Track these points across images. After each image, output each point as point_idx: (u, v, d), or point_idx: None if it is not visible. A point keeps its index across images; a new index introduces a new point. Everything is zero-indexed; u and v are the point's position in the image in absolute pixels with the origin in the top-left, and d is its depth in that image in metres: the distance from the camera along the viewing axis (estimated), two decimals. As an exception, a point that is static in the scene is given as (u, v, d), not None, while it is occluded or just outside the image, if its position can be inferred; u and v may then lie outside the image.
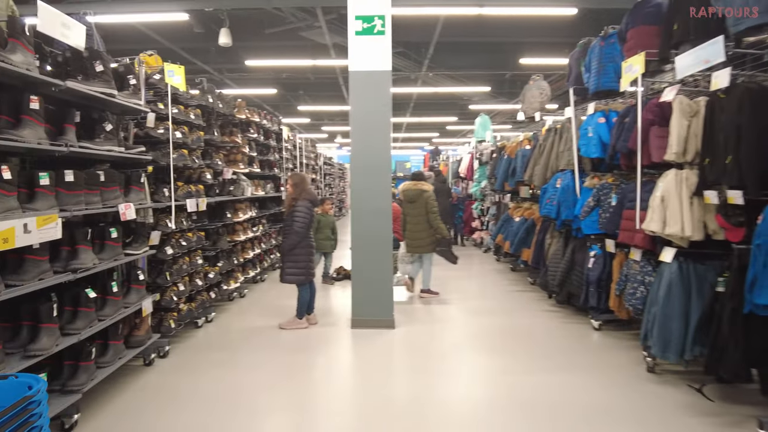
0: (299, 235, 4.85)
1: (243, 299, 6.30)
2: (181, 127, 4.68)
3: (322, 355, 4.32)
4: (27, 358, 2.56)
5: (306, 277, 4.96)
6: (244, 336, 4.82)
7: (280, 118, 8.77)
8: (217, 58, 11.09)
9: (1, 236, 2.31)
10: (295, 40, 9.53)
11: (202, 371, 3.90)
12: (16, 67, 2.44)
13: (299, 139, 10.16)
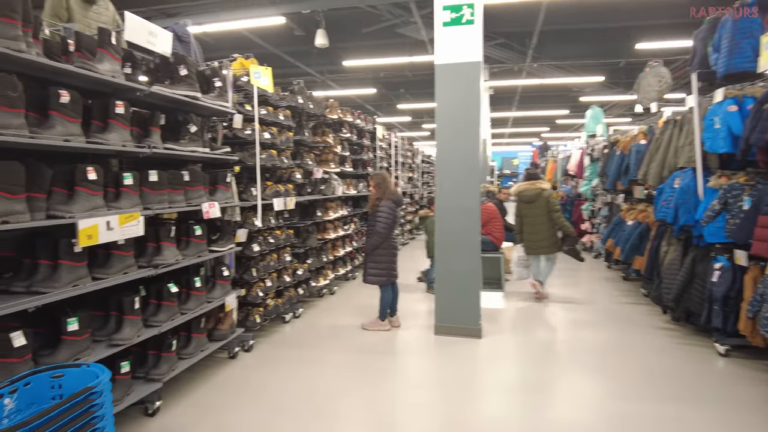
0: (381, 236, 4.75)
1: (333, 296, 6.38)
2: (270, 128, 4.82)
3: (402, 360, 4.16)
4: (111, 346, 2.74)
5: (388, 279, 4.85)
6: (328, 334, 4.83)
7: (375, 117, 8.77)
8: (318, 59, 11.48)
9: (85, 232, 2.49)
10: (392, 37, 9.52)
11: (284, 367, 3.96)
12: (102, 75, 2.61)
13: (395, 137, 10.12)
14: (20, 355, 2.21)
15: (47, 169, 2.37)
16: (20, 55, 2.11)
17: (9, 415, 1.94)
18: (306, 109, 5.68)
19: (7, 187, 2.14)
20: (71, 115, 2.47)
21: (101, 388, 1.96)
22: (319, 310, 5.74)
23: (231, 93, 4.18)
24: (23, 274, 2.48)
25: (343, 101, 15.73)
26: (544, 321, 5.28)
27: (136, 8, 7.77)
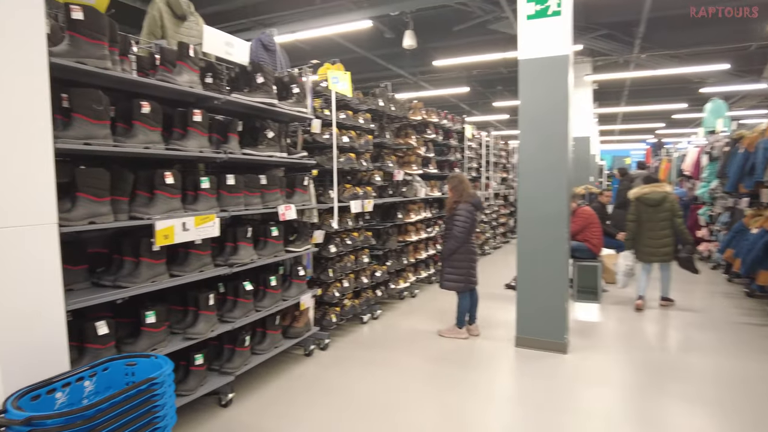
0: (458, 240, 4.61)
1: (413, 299, 6.34)
2: (349, 132, 4.90)
3: (476, 372, 3.98)
4: (185, 339, 2.94)
5: (466, 285, 4.69)
6: (405, 337, 4.80)
7: (464, 116, 8.56)
8: (410, 61, 11.50)
9: (162, 233, 2.70)
10: (483, 34, 9.24)
11: (356, 368, 4.00)
12: (180, 86, 2.82)
13: (486, 136, 9.80)
14: (103, 342, 2.45)
15: (129, 174, 2.61)
16: (105, 72, 2.33)
17: (88, 396, 2.15)
18: (387, 112, 5.70)
19: (94, 191, 2.38)
20: (152, 124, 2.69)
21: (163, 379, 2.10)
22: (398, 312, 5.73)
23: (310, 98, 4.31)
24: (112, 269, 2.75)
25: (435, 101, 15.72)
26: (645, 339, 4.76)
27: (236, 21, 8.37)
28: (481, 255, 9.48)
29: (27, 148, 1.98)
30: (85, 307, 2.41)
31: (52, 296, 2.09)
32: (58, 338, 2.12)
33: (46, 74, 2.03)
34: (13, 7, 1.92)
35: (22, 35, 1.94)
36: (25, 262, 1.98)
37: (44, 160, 2.04)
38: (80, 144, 2.27)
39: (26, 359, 2.00)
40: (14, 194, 1.94)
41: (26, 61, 1.96)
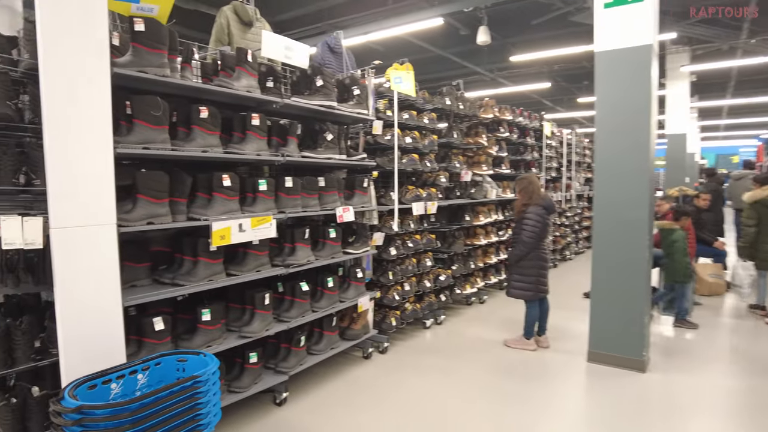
0: (527, 246, 4.36)
1: (481, 305, 6.13)
2: (412, 132, 4.82)
3: (543, 387, 3.74)
4: (240, 337, 3.03)
5: (534, 293, 4.43)
6: (468, 345, 4.63)
7: (543, 113, 8.13)
8: (488, 57, 11.18)
9: (218, 233, 2.79)
10: (565, 27, 8.75)
11: (414, 374, 3.91)
12: (237, 91, 2.91)
13: (568, 134, 9.26)
14: (159, 338, 2.58)
15: (188, 176, 2.72)
16: (164, 79, 2.45)
17: (140, 388, 2.27)
18: (455, 111, 5.54)
19: (153, 193, 2.51)
20: (210, 128, 2.80)
21: (207, 378, 2.16)
22: (464, 318, 5.55)
23: (372, 100, 4.29)
24: (174, 267, 2.90)
25: (516, 98, 15.15)
26: (747, 361, 4.21)
27: (311, 25, 8.57)
28: (560, 260, 8.98)
29: (91, 154, 2.12)
30: (147, 302, 2.56)
31: (111, 292, 2.23)
32: (115, 332, 2.25)
33: (108, 85, 2.16)
34: (80, 25, 2.06)
35: (86, 50, 2.08)
36: (87, 259, 2.13)
37: (105, 165, 2.18)
38: (139, 148, 2.41)
39: (86, 350, 2.15)
40: (78, 196, 2.09)
41: (90, 73, 2.10)
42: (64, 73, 2.01)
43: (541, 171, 8.01)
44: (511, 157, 7.24)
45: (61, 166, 2.03)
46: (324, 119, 3.76)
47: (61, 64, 2.00)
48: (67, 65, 2.02)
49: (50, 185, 2.00)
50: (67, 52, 2.02)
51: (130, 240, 2.79)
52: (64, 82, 2.01)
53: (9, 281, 1.97)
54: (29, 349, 2.16)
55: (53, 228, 2.02)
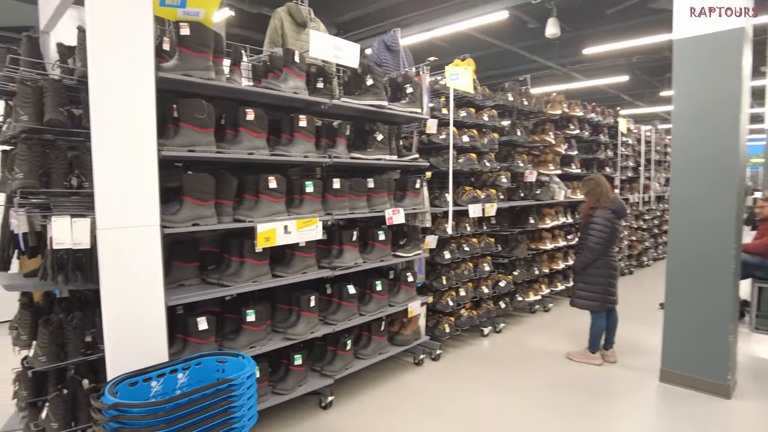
0: (594, 252, 4.04)
1: (546, 314, 5.81)
2: (470, 131, 4.63)
3: (607, 407, 3.43)
4: (285, 339, 3.03)
5: (602, 304, 4.10)
6: (527, 356, 4.39)
7: (618, 108, 7.57)
8: (559, 51, 10.64)
9: (263, 235, 2.80)
10: (644, 15, 8.13)
11: (467, 383, 3.75)
12: (283, 92, 2.91)
13: (647, 131, 8.57)
14: (203, 337, 2.62)
15: (233, 179, 2.75)
16: (207, 82, 2.49)
17: (180, 387, 2.31)
18: (518, 107, 5.27)
19: (199, 195, 2.56)
20: (256, 130, 2.82)
21: (241, 381, 2.15)
22: (525, 327, 5.28)
23: (426, 98, 4.16)
24: (221, 268, 2.95)
25: (591, 93, 14.30)
26: None
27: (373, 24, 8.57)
28: (637, 267, 8.34)
29: (135, 158, 2.18)
30: (195, 302, 2.62)
31: (154, 291, 2.28)
32: (158, 330, 2.31)
33: (152, 90, 2.22)
34: (126, 33, 2.13)
35: (131, 57, 2.15)
36: (131, 259, 2.19)
37: (149, 168, 2.24)
38: (184, 151, 2.46)
39: (130, 347, 2.21)
40: (123, 199, 2.16)
41: (135, 79, 2.16)
42: (110, 80, 2.08)
43: (616, 171, 7.46)
44: (581, 156, 6.80)
45: (107, 169, 2.10)
46: (375, 119, 3.69)
47: (107, 71, 2.08)
48: (113, 72, 2.09)
49: (97, 188, 2.08)
50: (113, 59, 2.09)
51: (179, 240, 2.87)
52: (109, 88, 2.08)
53: (59, 278, 2.07)
54: (80, 343, 2.27)
55: (100, 229, 2.10)
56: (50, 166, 2.17)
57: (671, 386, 3.70)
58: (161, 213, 2.45)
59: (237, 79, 2.85)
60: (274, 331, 3.12)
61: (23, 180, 2.07)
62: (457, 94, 4.60)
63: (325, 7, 8.94)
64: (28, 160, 2.09)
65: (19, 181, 2.06)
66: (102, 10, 2.06)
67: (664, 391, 3.65)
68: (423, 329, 4.26)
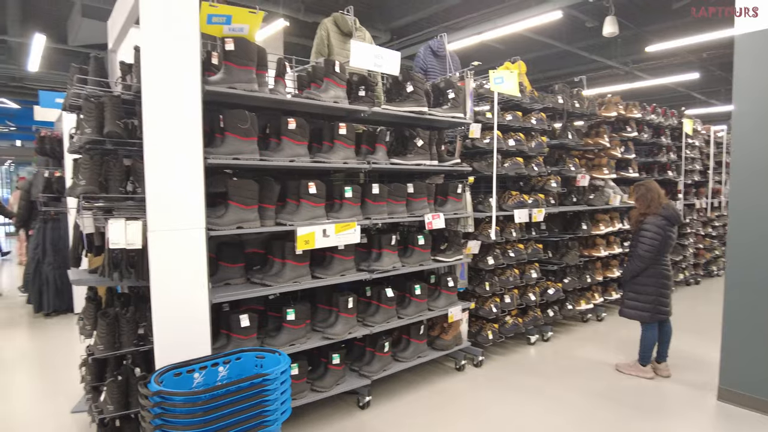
0: (644, 260, 3.88)
1: (599, 323, 5.59)
2: (516, 134, 4.57)
3: (659, 425, 3.26)
4: (324, 339, 3.14)
5: (652, 315, 3.92)
6: (576, 367, 4.26)
7: (683, 109, 7.16)
8: (622, 49, 10.19)
9: (303, 238, 2.93)
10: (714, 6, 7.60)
11: (509, 393, 3.71)
12: (323, 102, 3.03)
13: (718, 132, 8.03)
14: (245, 334, 2.78)
15: (276, 185, 2.90)
16: (250, 93, 2.65)
17: (221, 379, 2.47)
18: (569, 110, 5.13)
19: (243, 200, 2.72)
20: (298, 138, 2.95)
21: (274, 377, 2.27)
22: (575, 336, 5.11)
23: (470, 103, 4.16)
24: (265, 269, 3.11)
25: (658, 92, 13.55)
26: None
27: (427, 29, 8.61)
28: (705, 276, 7.83)
29: (183, 165, 2.37)
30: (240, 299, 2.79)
31: (199, 289, 2.46)
32: (202, 325, 2.48)
33: (198, 103, 2.40)
34: (175, 51, 2.32)
35: (179, 73, 2.34)
36: (178, 258, 2.38)
37: (196, 175, 2.41)
38: (229, 159, 2.63)
39: (176, 340, 2.40)
40: (172, 203, 2.35)
41: (183, 93, 2.35)
42: (160, 94, 2.28)
43: (679, 174, 7.05)
44: (640, 160, 6.50)
45: (157, 176, 2.29)
46: (416, 124, 3.74)
47: (158, 86, 2.27)
48: (163, 87, 2.29)
49: (148, 193, 2.28)
50: (163, 75, 2.28)
51: (226, 242, 3.06)
52: (160, 101, 2.28)
53: (114, 275, 2.28)
54: (133, 335, 2.49)
55: (150, 231, 2.30)
56: (109, 173, 2.40)
57: (730, 406, 3.48)
58: (208, 216, 2.63)
59: (281, 90, 3.00)
60: (314, 331, 3.24)
61: (85, 186, 2.31)
62: (503, 98, 4.56)
63: (379, 13, 9.11)
64: (90, 168, 2.34)
65: (82, 187, 2.30)
66: (154, 30, 2.26)
67: (722, 412, 3.43)
68: (465, 335, 4.25)
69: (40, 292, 5.69)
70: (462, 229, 4.22)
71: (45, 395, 3.68)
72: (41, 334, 5.22)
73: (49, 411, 3.36)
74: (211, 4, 2.50)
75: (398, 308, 3.65)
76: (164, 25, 2.28)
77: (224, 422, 2.10)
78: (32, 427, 3.17)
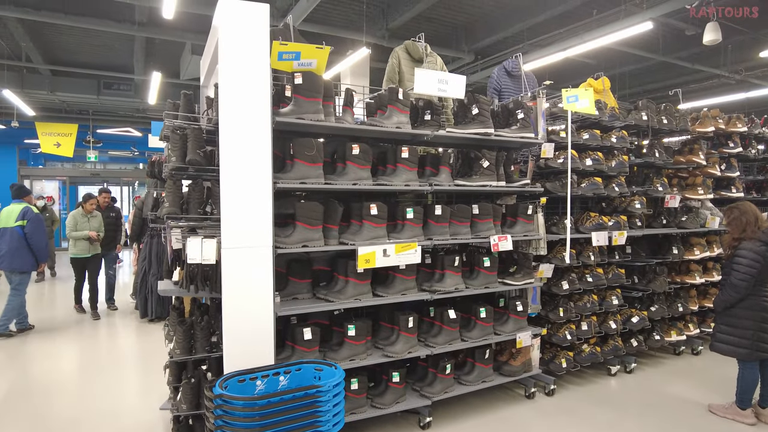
0: (738, 290, 3.52)
1: (695, 357, 5.10)
2: (594, 154, 4.39)
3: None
4: (384, 356, 3.23)
5: (751, 352, 3.52)
6: (660, 403, 3.94)
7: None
8: (732, 56, 9.32)
9: (364, 257, 3.07)
10: None
11: (580, 425, 3.53)
12: (385, 128, 3.17)
13: None
14: (308, 346, 2.96)
15: (339, 206, 3.08)
16: (315, 123, 2.86)
17: (282, 388, 2.65)
18: (653, 126, 4.82)
19: (308, 221, 2.93)
20: (361, 162, 3.12)
21: (327, 389, 2.40)
22: (664, 370, 4.71)
23: (542, 122, 4.10)
24: (330, 285, 3.29)
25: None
26: None
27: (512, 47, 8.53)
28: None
29: (254, 189, 2.62)
30: (308, 313, 2.99)
31: (265, 302, 2.68)
32: (266, 336, 2.69)
33: (268, 133, 2.65)
34: (248, 87, 2.60)
35: (252, 106, 2.61)
36: (247, 274, 2.62)
37: (265, 198, 2.66)
38: (297, 183, 2.85)
39: (243, 350, 2.63)
40: (246, 223, 2.60)
41: (255, 125, 2.61)
42: (234, 125, 2.56)
43: (800, 194, 6.25)
44: (748, 178, 5.89)
45: (231, 199, 2.56)
46: (482, 146, 3.76)
47: (232, 118, 2.55)
48: (237, 119, 2.56)
49: (223, 214, 2.55)
50: (237, 108, 2.56)
51: (295, 259, 3.28)
52: (234, 132, 2.56)
53: (191, 288, 2.57)
54: (206, 342, 2.76)
55: (224, 248, 2.56)
56: (190, 196, 2.72)
57: None
58: (276, 235, 2.87)
59: (348, 118, 3.19)
60: (376, 348, 3.35)
61: (168, 208, 2.64)
62: (581, 117, 4.43)
63: (464, 34, 9.20)
64: (173, 192, 2.67)
65: (166, 209, 2.64)
66: (230, 67, 2.56)
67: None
68: (536, 361, 4.12)
69: (146, 299, 6.41)
70: (534, 252, 4.12)
71: (140, 392, 4.16)
72: (144, 338, 5.87)
73: (141, 406, 3.80)
74: (281, 43, 2.75)
75: (463, 330, 3.65)
76: (239, 63, 2.57)
77: (279, 428, 2.27)
78: (125, 418, 3.60)
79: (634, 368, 4.62)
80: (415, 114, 3.60)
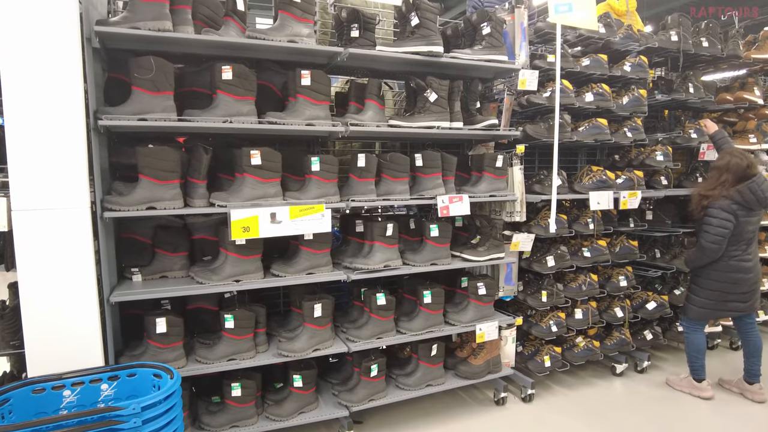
0: (706, 253, 3.33)
1: (733, 353, 4.43)
2: (598, 86, 3.67)
3: None
4: (279, 355, 2.72)
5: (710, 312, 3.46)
6: (669, 405, 3.43)
7: None
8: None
9: (240, 224, 2.53)
10: None
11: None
12: (270, 42, 2.57)
13: None
14: (163, 342, 2.47)
15: (204, 151, 2.52)
16: (159, 34, 2.28)
17: (104, 400, 2.18)
18: (687, 50, 4.01)
19: (157, 173, 2.39)
20: (238, 92, 2.53)
21: (130, 413, 1.86)
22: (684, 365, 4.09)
23: (524, 43, 3.41)
24: (213, 261, 2.78)
25: None
26: None
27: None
28: None
29: (64, 128, 2.10)
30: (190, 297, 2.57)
31: (84, 284, 2.18)
32: (89, 330, 2.21)
33: (77, 46, 2.10)
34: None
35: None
36: (53, 246, 2.12)
37: (77, 139, 2.13)
38: (134, 120, 2.30)
39: (53, 347, 2.15)
40: (44, 177, 2.09)
41: (61, 33, 2.06)
42: (24, 33, 2.01)
43: None
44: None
45: (21, 142, 2.05)
46: (427, 72, 3.10)
47: (18, 21, 2.01)
48: (26, 22, 2.02)
49: (10, 164, 2.04)
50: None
51: (165, 226, 2.78)
52: (19, 45, 2.02)
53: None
54: (13, 335, 2.31)
55: (15, 210, 2.06)
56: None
57: None
58: (108, 193, 2.36)
59: (232, 32, 2.59)
60: (269, 343, 2.85)
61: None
62: (581, 37, 3.69)
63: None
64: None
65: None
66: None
67: None
68: (511, 358, 3.57)
69: None
70: (508, 218, 3.50)
71: None
72: None
73: None
74: None
75: (402, 320, 3.11)
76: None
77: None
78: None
79: (646, 367, 4.01)
80: (340, 30, 2.98)
